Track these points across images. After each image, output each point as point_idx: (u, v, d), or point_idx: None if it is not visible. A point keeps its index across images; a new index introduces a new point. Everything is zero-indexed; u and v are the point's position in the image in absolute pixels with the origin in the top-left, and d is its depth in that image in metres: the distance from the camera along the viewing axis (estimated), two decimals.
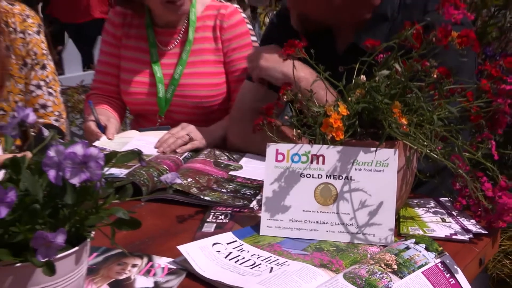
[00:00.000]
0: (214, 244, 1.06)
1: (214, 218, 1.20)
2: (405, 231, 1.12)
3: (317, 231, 1.10)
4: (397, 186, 1.09)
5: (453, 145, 1.10)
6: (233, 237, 1.10)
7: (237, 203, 1.28)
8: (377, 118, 1.09)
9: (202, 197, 1.29)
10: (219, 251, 1.04)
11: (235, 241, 1.09)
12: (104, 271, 0.99)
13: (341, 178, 1.10)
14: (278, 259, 1.01)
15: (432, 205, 1.26)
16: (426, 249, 0.99)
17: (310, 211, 1.10)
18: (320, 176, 1.11)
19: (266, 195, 1.12)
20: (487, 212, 1.13)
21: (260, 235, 1.11)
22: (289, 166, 1.12)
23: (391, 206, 1.08)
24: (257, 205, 1.26)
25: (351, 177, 1.09)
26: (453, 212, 1.21)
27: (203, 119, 1.87)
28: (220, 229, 1.15)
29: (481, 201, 1.12)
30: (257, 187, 1.36)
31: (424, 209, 1.24)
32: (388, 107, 1.07)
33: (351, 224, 1.09)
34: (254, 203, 1.27)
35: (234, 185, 1.38)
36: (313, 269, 0.97)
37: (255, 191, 1.34)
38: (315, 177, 1.11)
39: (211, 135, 1.72)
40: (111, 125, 1.78)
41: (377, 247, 1.06)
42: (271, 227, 1.11)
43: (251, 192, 1.34)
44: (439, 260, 0.98)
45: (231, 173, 1.46)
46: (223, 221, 1.19)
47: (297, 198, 1.11)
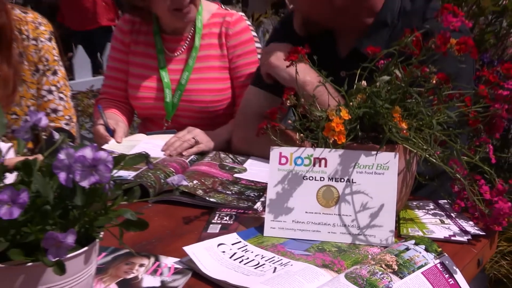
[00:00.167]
0: (219, 245, 1.06)
1: (219, 219, 1.20)
2: (405, 232, 1.12)
3: (319, 232, 1.09)
4: (397, 189, 1.08)
5: (451, 149, 1.10)
6: (237, 238, 1.10)
7: (241, 204, 1.28)
8: (378, 123, 1.09)
9: (208, 198, 1.29)
10: (224, 252, 1.04)
11: (240, 241, 1.08)
12: (112, 271, 0.99)
13: (342, 180, 1.09)
14: (281, 259, 1.01)
15: (432, 207, 1.26)
16: (425, 250, 0.98)
17: (313, 212, 1.10)
18: (322, 179, 1.10)
19: (270, 197, 1.12)
20: (484, 215, 1.13)
21: (264, 236, 1.11)
22: (292, 169, 1.12)
23: (391, 208, 1.07)
24: (261, 207, 1.26)
25: (353, 179, 1.09)
26: (452, 214, 1.21)
27: (208, 123, 1.87)
28: (225, 230, 1.15)
29: (477, 205, 1.11)
30: (261, 189, 1.36)
31: (423, 211, 1.23)
32: (389, 111, 1.06)
33: (352, 225, 1.08)
34: (258, 205, 1.27)
35: (238, 187, 1.38)
36: (316, 269, 0.96)
37: (259, 193, 1.34)
38: (318, 180, 1.10)
39: (216, 139, 1.72)
40: (119, 128, 1.78)
41: (378, 248, 1.06)
42: (274, 228, 1.11)
43: (255, 194, 1.34)
44: (438, 261, 0.97)
45: (236, 175, 1.46)
46: (228, 222, 1.18)
47: (300, 200, 1.11)
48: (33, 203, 0.71)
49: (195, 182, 1.35)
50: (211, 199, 1.29)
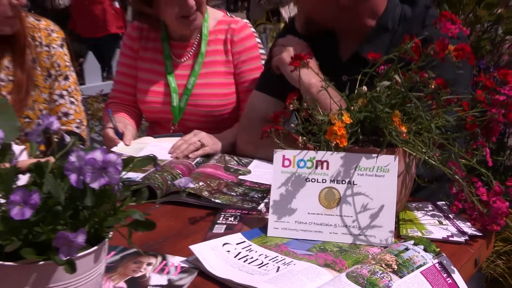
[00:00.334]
0: (224, 244, 1.05)
1: (224, 219, 1.20)
2: (404, 233, 1.11)
3: (321, 232, 1.09)
4: (397, 190, 1.08)
5: (450, 152, 1.09)
6: (242, 237, 1.09)
7: (246, 205, 1.27)
8: (378, 126, 1.08)
9: (213, 200, 1.29)
10: (228, 251, 1.03)
11: (244, 241, 1.08)
12: (121, 269, 0.98)
13: (344, 182, 1.09)
14: (284, 259, 1.01)
15: (430, 208, 1.25)
16: (424, 250, 0.98)
17: (315, 213, 1.10)
18: (324, 181, 1.10)
19: (273, 198, 1.12)
20: (482, 216, 1.12)
21: (267, 236, 1.11)
22: (295, 171, 1.12)
23: (391, 209, 1.07)
24: (265, 208, 1.26)
25: (354, 181, 1.09)
26: (450, 215, 1.20)
27: (214, 126, 1.86)
28: (230, 230, 1.15)
29: (476, 205, 1.11)
30: (264, 190, 1.35)
31: (422, 212, 1.23)
32: (389, 116, 1.06)
33: (353, 226, 1.08)
34: (262, 206, 1.27)
35: (243, 188, 1.38)
36: (318, 269, 0.96)
37: (263, 195, 1.33)
38: (320, 182, 1.10)
39: (221, 142, 1.71)
40: (128, 132, 1.78)
41: (378, 248, 1.05)
42: (278, 228, 1.11)
43: (259, 195, 1.33)
44: (436, 261, 0.97)
45: (240, 177, 1.46)
46: (232, 223, 1.18)
47: (303, 201, 1.10)
48: (45, 203, 0.71)
49: (201, 183, 1.35)
50: (217, 200, 1.28)
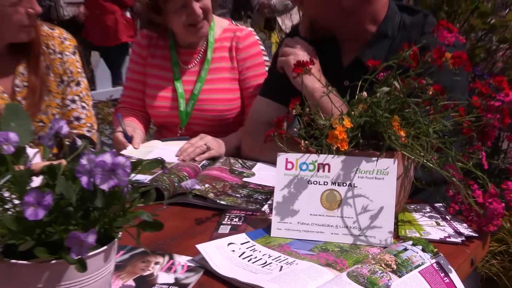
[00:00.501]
0: (229, 244, 1.05)
1: (229, 220, 1.19)
2: (403, 233, 1.11)
3: (323, 233, 1.08)
4: (396, 193, 1.08)
5: (447, 155, 1.09)
6: (246, 238, 1.09)
7: (250, 207, 1.27)
8: (378, 131, 1.08)
9: (218, 201, 1.28)
10: (233, 251, 1.03)
11: (248, 241, 1.08)
12: (129, 268, 0.98)
13: (345, 185, 1.09)
14: (287, 258, 1.00)
15: (428, 210, 1.25)
16: (422, 250, 0.98)
17: (317, 215, 1.09)
18: (326, 183, 1.10)
19: (277, 200, 1.12)
20: (478, 217, 1.12)
21: (271, 236, 1.10)
22: (297, 174, 1.11)
23: (390, 210, 1.06)
24: (268, 209, 1.25)
25: (354, 184, 1.08)
26: (447, 217, 1.20)
27: (219, 130, 1.86)
28: (235, 230, 1.14)
29: (473, 206, 1.10)
30: (268, 192, 1.35)
31: (420, 213, 1.22)
32: (388, 120, 1.06)
33: (354, 227, 1.07)
34: (265, 207, 1.26)
35: (247, 190, 1.37)
36: (320, 268, 0.96)
37: (266, 196, 1.33)
38: (321, 184, 1.10)
39: (226, 145, 1.71)
40: (137, 135, 1.78)
41: (377, 248, 1.05)
42: (281, 229, 1.10)
43: (262, 197, 1.33)
44: (434, 261, 0.97)
45: (245, 179, 1.45)
46: (237, 223, 1.18)
47: (305, 203, 1.10)
48: (57, 204, 0.71)
49: (206, 185, 1.35)
50: (222, 202, 1.28)
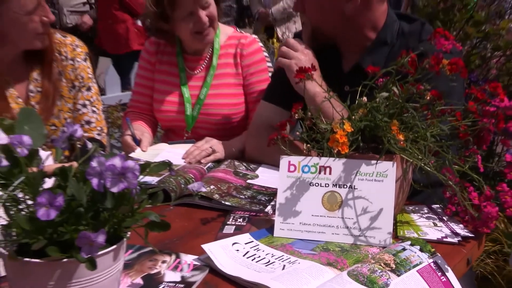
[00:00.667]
0: (233, 244, 1.05)
1: (234, 221, 1.19)
2: (401, 234, 1.10)
3: (324, 233, 1.08)
4: (395, 194, 1.07)
5: (444, 158, 1.08)
6: (250, 238, 1.09)
7: (253, 208, 1.26)
8: (377, 135, 1.08)
9: (223, 202, 1.28)
10: (238, 250, 1.03)
11: (252, 241, 1.07)
12: (137, 266, 0.98)
13: (345, 187, 1.08)
14: (289, 258, 1.00)
15: (426, 211, 1.24)
16: (420, 250, 0.97)
17: (318, 215, 1.09)
18: (327, 185, 1.09)
19: (280, 201, 1.11)
20: (473, 218, 1.11)
21: (274, 236, 1.10)
22: (300, 176, 1.11)
23: (389, 212, 1.06)
24: (272, 210, 1.25)
25: (355, 186, 1.08)
26: (444, 218, 1.19)
27: (224, 134, 1.86)
28: (239, 230, 1.14)
29: (468, 209, 1.10)
30: (271, 194, 1.35)
31: (418, 214, 1.21)
32: (387, 125, 1.05)
33: (354, 227, 1.07)
34: (268, 208, 1.26)
35: (251, 192, 1.37)
36: (321, 267, 0.95)
37: (269, 198, 1.32)
38: (323, 186, 1.09)
39: (231, 148, 1.71)
40: (145, 139, 1.78)
41: (377, 248, 1.04)
42: (283, 229, 1.10)
43: (266, 198, 1.32)
44: (431, 260, 0.96)
45: (249, 181, 1.45)
46: (241, 224, 1.17)
47: (307, 204, 1.10)
48: (68, 205, 0.71)
49: (212, 187, 1.35)
50: (227, 203, 1.28)
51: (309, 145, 1.11)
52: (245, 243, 1.06)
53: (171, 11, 1.77)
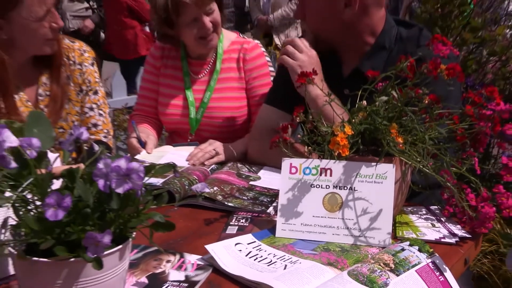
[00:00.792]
0: (236, 244, 1.04)
1: (236, 221, 1.19)
2: (400, 234, 1.10)
3: (325, 234, 1.08)
4: (394, 196, 1.07)
5: (442, 161, 1.08)
6: (252, 238, 1.08)
7: (256, 209, 1.26)
8: (377, 137, 1.07)
9: (226, 203, 1.28)
10: (240, 250, 1.02)
11: (254, 241, 1.07)
12: (143, 266, 0.98)
13: (346, 188, 1.08)
14: (291, 257, 1.00)
15: (424, 212, 1.23)
16: (419, 250, 0.97)
17: (319, 216, 1.08)
18: (328, 187, 1.09)
19: (281, 203, 1.11)
20: (471, 219, 1.10)
21: (276, 236, 1.09)
22: (301, 178, 1.10)
23: (389, 213, 1.06)
24: (273, 211, 1.24)
25: (355, 187, 1.07)
26: (442, 219, 1.19)
27: (227, 136, 1.86)
28: (241, 231, 1.14)
29: (466, 210, 1.09)
30: (273, 195, 1.34)
31: (417, 215, 1.21)
32: (387, 128, 1.05)
33: (354, 228, 1.06)
34: (270, 209, 1.26)
35: (253, 193, 1.37)
36: (322, 267, 0.95)
37: (271, 199, 1.32)
38: (324, 188, 1.09)
39: (234, 150, 1.71)
40: (150, 141, 1.78)
41: (376, 248, 1.04)
42: (285, 230, 1.10)
43: (268, 199, 1.32)
44: (430, 260, 0.96)
45: (251, 183, 1.44)
46: (244, 224, 1.17)
47: (308, 205, 1.09)
48: (75, 206, 0.71)
49: (215, 188, 1.34)
50: (229, 204, 1.27)
51: (310, 147, 1.11)
52: (248, 243, 1.05)
53: (176, 17, 1.77)
